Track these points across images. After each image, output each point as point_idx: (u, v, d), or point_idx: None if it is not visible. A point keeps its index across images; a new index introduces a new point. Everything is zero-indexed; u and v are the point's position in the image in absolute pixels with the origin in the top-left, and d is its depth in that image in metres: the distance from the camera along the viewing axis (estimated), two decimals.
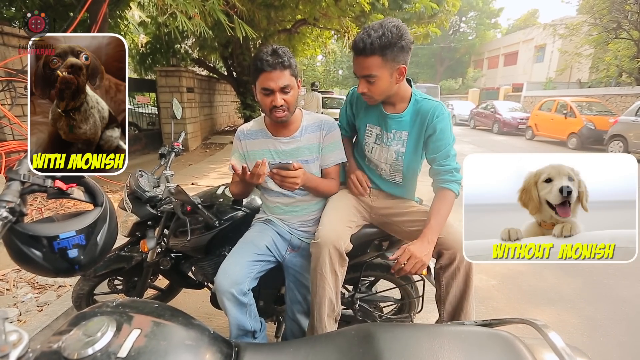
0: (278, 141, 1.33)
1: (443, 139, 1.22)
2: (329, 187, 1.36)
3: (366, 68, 1.15)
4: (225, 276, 1.20)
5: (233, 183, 1.37)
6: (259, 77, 1.19)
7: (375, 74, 1.15)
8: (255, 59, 1.19)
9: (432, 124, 1.21)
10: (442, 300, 1.23)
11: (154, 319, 0.63)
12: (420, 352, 0.63)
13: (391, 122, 1.28)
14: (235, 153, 1.40)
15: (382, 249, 1.44)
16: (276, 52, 1.17)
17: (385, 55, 1.12)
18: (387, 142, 1.30)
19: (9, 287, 2.11)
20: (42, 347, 0.53)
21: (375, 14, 7.25)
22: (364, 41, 1.10)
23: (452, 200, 1.22)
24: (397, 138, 1.28)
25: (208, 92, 9.66)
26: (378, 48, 1.10)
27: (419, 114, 1.24)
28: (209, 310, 1.79)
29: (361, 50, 1.12)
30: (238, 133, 1.39)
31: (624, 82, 12.45)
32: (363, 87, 1.20)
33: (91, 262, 0.78)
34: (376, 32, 1.10)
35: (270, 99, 1.20)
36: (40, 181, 0.71)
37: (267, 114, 1.26)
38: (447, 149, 1.23)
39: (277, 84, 1.18)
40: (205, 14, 3.77)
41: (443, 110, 1.22)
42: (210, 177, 5.28)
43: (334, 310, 1.24)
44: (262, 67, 1.16)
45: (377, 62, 1.13)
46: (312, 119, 1.37)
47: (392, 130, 1.28)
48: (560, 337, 0.61)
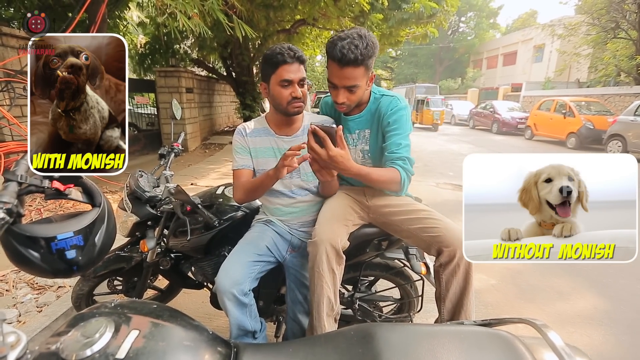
0: (281, 139, 1.34)
1: (397, 129, 1.25)
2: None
3: (353, 78, 1.18)
4: (226, 276, 1.20)
5: (244, 188, 1.28)
6: (276, 70, 1.21)
7: (359, 83, 1.20)
8: (271, 55, 1.21)
9: (386, 116, 1.26)
10: (442, 298, 1.23)
11: (152, 319, 0.63)
12: (420, 352, 0.63)
13: (352, 123, 1.34)
14: (240, 150, 1.35)
15: (382, 248, 1.44)
16: (292, 48, 1.21)
17: (368, 64, 1.17)
18: (353, 143, 1.36)
19: (9, 287, 2.10)
20: (40, 349, 0.53)
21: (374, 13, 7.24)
22: (353, 52, 1.12)
23: (394, 178, 1.19)
24: (362, 137, 1.34)
25: (207, 92, 9.66)
26: (365, 58, 1.14)
27: (378, 109, 1.29)
28: (208, 311, 1.79)
29: (351, 61, 1.13)
30: (240, 130, 1.36)
31: (622, 81, 12.48)
32: (343, 97, 1.22)
33: (89, 262, 0.77)
34: (361, 42, 1.13)
35: (290, 90, 1.22)
36: (38, 182, 0.71)
37: (284, 107, 1.25)
38: (399, 138, 1.24)
39: (296, 76, 1.21)
40: (205, 14, 3.77)
41: (398, 103, 1.27)
42: (210, 178, 5.27)
43: (333, 309, 1.24)
44: (283, 60, 1.19)
45: (362, 72, 1.18)
46: (313, 118, 1.39)
47: (355, 131, 1.34)
48: (560, 337, 0.61)
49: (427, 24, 8.55)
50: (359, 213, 1.38)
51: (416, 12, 7.81)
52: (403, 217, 1.29)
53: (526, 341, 0.66)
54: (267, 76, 1.25)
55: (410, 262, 1.42)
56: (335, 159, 0.99)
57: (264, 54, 1.25)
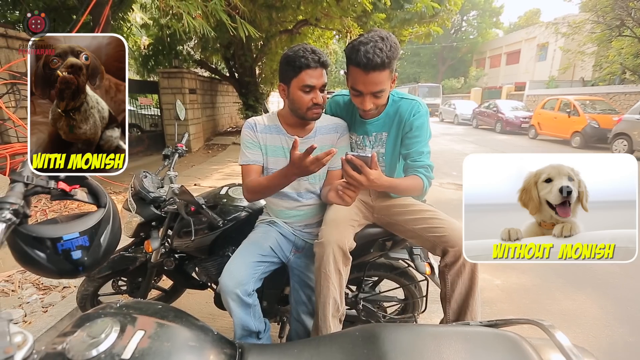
0: (292, 140, 1.31)
1: (419, 136, 1.24)
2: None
3: (379, 83, 1.13)
4: (230, 277, 1.20)
5: (253, 186, 1.23)
6: (299, 75, 1.16)
7: (385, 87, 1.15)
8: (294, 57, 1.15)
9: (409, 121, 1.23)
10: (448, 299, 1.22)
11: (157, 320, 0.63)
12: (426, 352, 0.62)
13: (369, 126, 1.31)
14: (249, 145, 1.30)
15: (386, 248, 1.43)
16: (316, 51, 1.16)
17: (392, 67, 1.13)
18: (370, 146, 1.33)
19: (14, 288, 2.12)
20: (46, 349, 0.53)
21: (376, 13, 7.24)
22: (379, 56, 1.06)
23: (418, 186, 1.21)
24: (379, 140, 1.32)
25: (210, 93, 9.70)
26: (391, 61, 1.10)
27: (398, 113, 1.26)
28: (212, 311, 1.80)
29: (378, 66, 1.08)
30: (250, 124, 1.31)
31: (627, 80, 12.37)
32: (370, 104, 1.18)
33: (95, 263, 0.78)
34: (385, 45, 1.08)
35: (311, 96, 1.19)
36: (44, 183, 0.71)
37: (303, 112, 1.22)
38: (421, 146, 1.24)
39: (319, 81, 1.18)
40: (208, 15, 3.79)
41: (420, 108, 1.24)
42: (213, 178, 5.29)
43: (339, 310, 1.23)
44: (306, 64, 1.14)
45: (387, 75, 1.13)
46: (326, 120, 1.35)
47: (372, 133, 1.32)
48: (567, 337, 0.61)
49: (429, 24, 8.53)
50: (364, 213, 1.37)
51: (419, 12, 7.79)
52: (408, 217, 1.29)
53: (533, 342, 0.65)
54: (288, 79, 1.20)
55: (415, 263, 1.41)
56: (375, 181, 1.00)
57: (285, 54, 1.20)
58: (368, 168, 0.98)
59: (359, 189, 1.03)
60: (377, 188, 1.07)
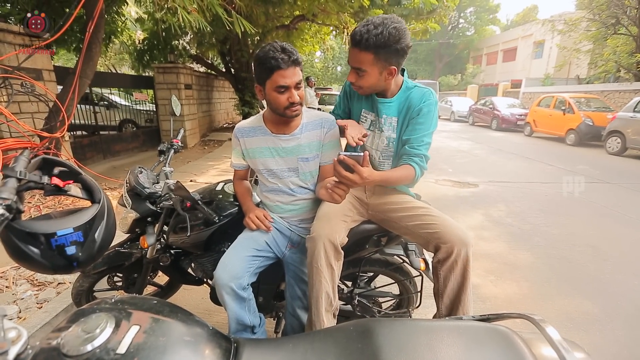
0: (278, 138, 1.31)
1: (424, 123, 1.24)
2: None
3: (358, 61, 1.17)
4: (224, 270, 1.20)
5: (236, 189, 1.46)
6: (271, 76, 1.15)
7: (365, 69, 1.18)
8: (264, 58, 1.13)
9: (418, 107, 1.24)
10: (440, 294, 1.23)
11: (153, 315, 0.63)
12: (419, 347, 0.63)
13: (382, 107, 1.31)
14: (234, 150, 1.40)
15: (381, 244, 1.44)
16: (286, 50, 1.14)
17: (379, 54, 1.14)
18: (380, 128, 1.33)
19: (9, 284, 2.11)
20: (41, 344, 0.53)
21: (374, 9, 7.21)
22: (361, 34, 1.11)
23: (410, 176, 1.22)
24: (388, 124, 1.31)
25: (206, 88, 9.62)
26: (372, 45, 1.11)
27: (408, 99, 1.27)
28: (208, 307, 1.80)
29: (357, 43, 1.14)
30: (236, 130, 1.37)
31: (622, 78, 12.45)
32: (352, 77, 1.24)
33: (89, 259, 0.77)
34: (376, 28, 1.10)
35: (287, 96, 1.18)
36: (37, 178, 0.71)
37: (281, 111, 1.22)
38: (423, 135, 1.24)
39: (292, 80, 1.16)
40: (204, 9, 3.74)
41: (431, 97, 1.25)
42: (209, 174, 5.27)
43: (332, 305, 1.24)
44: (277, 65, 1.12)
45: (369, 58, 1.15)
46: (312, 116, 1.35)
47: (383, 115, 1.31)
48: (558, 332, 0.62)
49: (426, 20, 8.51)
50: (358, 209, 1.38)
51: (416, 8, 7.76)
52: (402, 214, 1.30)
53: (524, 336, 0.66)
54: (262, 80, 1.19)
55: (409, 258, 1.43)
56: (367, 179, 1.02)
57: (256, 55, 1.18)
58: (360, 167, 0.99)
59: (349, 187, 1.05)
60: (370, 184, 1.09)
